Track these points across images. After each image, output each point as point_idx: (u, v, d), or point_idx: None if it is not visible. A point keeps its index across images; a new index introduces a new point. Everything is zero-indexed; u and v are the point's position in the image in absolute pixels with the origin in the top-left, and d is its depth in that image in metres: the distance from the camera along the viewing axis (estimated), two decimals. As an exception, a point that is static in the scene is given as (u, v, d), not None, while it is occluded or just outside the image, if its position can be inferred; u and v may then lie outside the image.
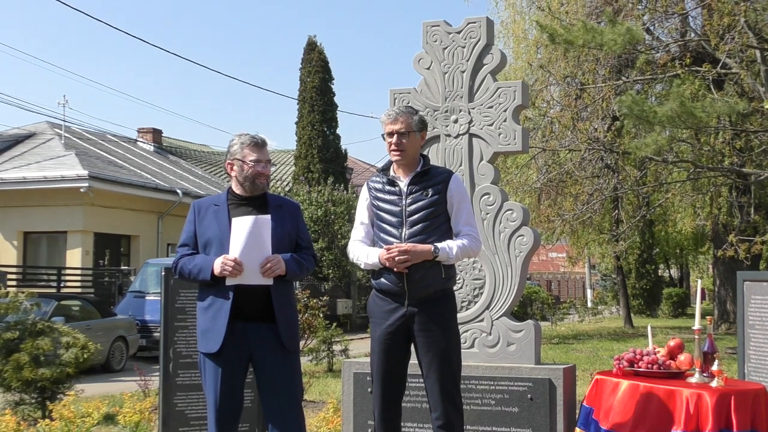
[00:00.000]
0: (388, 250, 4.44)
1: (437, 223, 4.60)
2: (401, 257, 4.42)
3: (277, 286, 4.49)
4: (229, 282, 4.43)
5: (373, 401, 4.70)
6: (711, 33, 14.60)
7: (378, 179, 4.80)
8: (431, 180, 4.65)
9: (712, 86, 14.96)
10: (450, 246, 4.54)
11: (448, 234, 4.65)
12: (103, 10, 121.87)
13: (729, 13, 14.11)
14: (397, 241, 4.56)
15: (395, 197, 4.66)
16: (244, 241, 4.41)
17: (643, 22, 16.54)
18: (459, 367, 4.67)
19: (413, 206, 4.60)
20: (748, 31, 14.05)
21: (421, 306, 4.55)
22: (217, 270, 4.41)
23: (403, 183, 4.67)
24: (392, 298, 4.59)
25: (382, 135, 4.70)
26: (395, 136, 4.63)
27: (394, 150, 4.64)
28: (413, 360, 4.70)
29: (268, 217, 4.50)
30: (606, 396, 5.00)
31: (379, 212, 4.70)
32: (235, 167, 4.63)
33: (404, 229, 4.57)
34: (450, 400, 4.55)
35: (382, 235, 4.66)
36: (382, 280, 4.60)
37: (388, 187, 4.71)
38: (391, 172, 4.75)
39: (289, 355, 4.54)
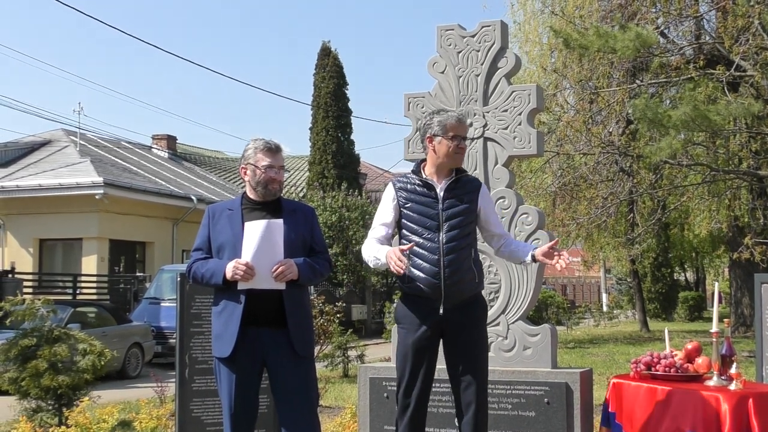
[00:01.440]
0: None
1: (469, 229, 4.62)
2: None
3: (289, 290, 4.46)
4: (241, 286, 4.41)
5: (400, 406, 4.60)
6: (725, 35, 14.54)
7: (407, 180, 4.71)
8: (464, 188, 4.65)
9: (726, 89, 14.88)
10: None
11: (475, 241, 4.69)
12: (118, 18, 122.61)
13: (743, 15, 14.06)
14: (434, 245, 4.52)
15: (430, 200, 4.60)
16: (257, 245, 4.38)
17: (657, 26, 16.48)
18: (487, 370, 4.67)
19: (450, 211, 4.56)
20: (762, 32, 14.00)
21: (456, 310, 4.53)
22: (228, 274, 4.40)
23: (439, 188, 4.62)
24: (426, 303, 4.54)
25: (433, 135, 4.62)
26: (463, 140, 4.65)
27: (459, 153, 4.64)
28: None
29: (281, 221, 4.47)
30: (624, 399, 4.98)
31: (410, 213, 4.62)
32: (248, 172, 4.62)
33: (442, 233, 4.52)
34: (481, 404, 4.53)
35: (413, 237, 4.58)
36: (417, 284, 4.53)
37: (421, 189, 4.64)
38: (423, 175, 4.70)
39: (302, 360, 4.50)
